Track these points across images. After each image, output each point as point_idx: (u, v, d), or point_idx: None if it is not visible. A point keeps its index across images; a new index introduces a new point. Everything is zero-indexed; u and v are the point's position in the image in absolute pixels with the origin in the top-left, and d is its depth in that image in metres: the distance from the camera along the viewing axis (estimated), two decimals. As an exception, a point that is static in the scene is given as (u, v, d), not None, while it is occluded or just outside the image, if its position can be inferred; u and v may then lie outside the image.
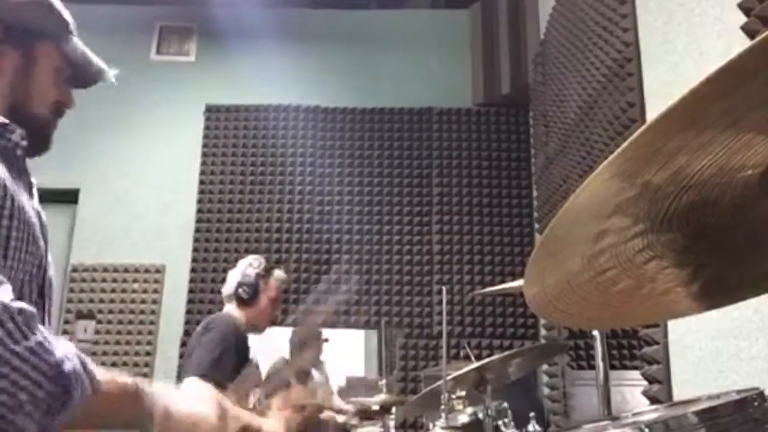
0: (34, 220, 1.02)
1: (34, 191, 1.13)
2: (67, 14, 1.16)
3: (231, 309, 2.50)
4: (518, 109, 4.57)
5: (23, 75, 1.10)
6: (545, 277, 0.76)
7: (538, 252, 0.73)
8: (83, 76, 1.19)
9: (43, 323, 1.06)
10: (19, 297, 0.95)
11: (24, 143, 1.07)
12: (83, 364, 0.79)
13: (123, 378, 0.87)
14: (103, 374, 0.83)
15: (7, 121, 1.05)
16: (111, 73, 1.21)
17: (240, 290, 2.46)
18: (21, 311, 0.75)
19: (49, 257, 1.10)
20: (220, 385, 2.14)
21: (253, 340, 2.51)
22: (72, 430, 0.82)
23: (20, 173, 1.07)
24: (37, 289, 1.04)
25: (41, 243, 1.04)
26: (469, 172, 4.49)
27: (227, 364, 2.19)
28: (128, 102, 4.64)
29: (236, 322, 2.40)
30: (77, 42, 1.18)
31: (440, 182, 4.49)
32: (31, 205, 1.06)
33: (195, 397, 0.99)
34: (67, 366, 0.76)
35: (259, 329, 2.54)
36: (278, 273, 2.62)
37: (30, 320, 0.75)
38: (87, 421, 0.81)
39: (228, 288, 2.52)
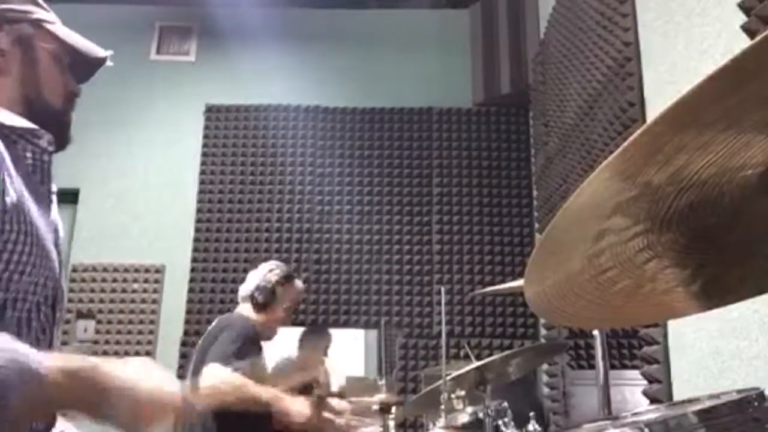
0: (47, 233, 1.01)
1: (54, 198, 1.12)
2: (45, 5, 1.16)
3: (245, 310, 2.49)
4: (518, 109, 4.57)
5: (29, 66, 1.10)
6: (545, 277, 0.76)
7: (538, 252, 0.73)
8: (82, 61, 1.17)
9: (51, 332, 1.06)
10: (29, 309, 0.96)
11: (51, 148, 1.07)
12: (15, 361, 0.75)
13: (76, 363, 0.83)
14: (51, 361, 0.80)
15: (35, 126, 1.04)
16: (108, 53, 1.19)
17: (256, 294, 2.46)
18: None
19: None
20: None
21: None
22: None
23: (43, 180, 1.06)
24: (51, 300, 1.03)
25: (54, 256, 1.03)
26: (469, 172, 4.49)
27: (245, 358, 2.21)
28: (128, 102, 4.64)
29: (251, 322, 2.41)
30: (67, 29, 1.17)
31: (440, 182, 4.48)
32: (45, 218, 1.04)
33: (154, 371, 0.94)
34: None
35: (269, 336, 2.54)
36: (297, 283, 2.63)
37: None
38: (37, 412, 0.80)
39: (245, 289, 2.52)
